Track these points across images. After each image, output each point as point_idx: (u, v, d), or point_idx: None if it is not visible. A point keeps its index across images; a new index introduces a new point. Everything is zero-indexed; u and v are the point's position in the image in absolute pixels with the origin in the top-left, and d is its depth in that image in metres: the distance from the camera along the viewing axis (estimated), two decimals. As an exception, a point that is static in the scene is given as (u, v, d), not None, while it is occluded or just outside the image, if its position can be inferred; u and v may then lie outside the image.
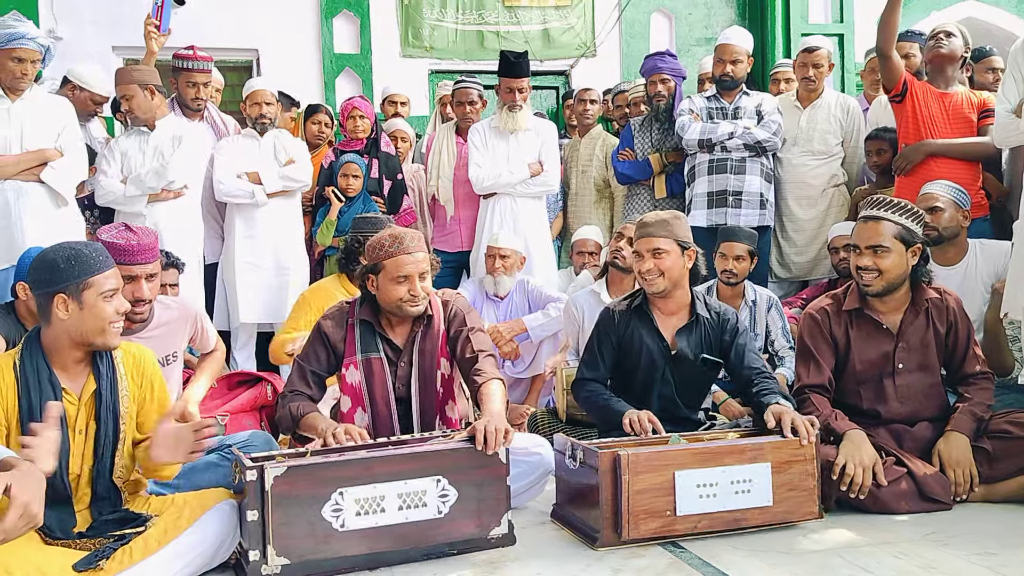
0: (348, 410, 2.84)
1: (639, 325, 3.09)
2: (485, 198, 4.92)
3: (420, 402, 2.84)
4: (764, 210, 4.75)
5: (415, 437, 2.67)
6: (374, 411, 2.83)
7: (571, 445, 2.67)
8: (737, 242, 4.04)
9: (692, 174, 4.83)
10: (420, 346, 2.85)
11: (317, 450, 2.50)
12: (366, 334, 2.85)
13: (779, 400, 2.79)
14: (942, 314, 3.02)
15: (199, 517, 2.29)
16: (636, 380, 3.10)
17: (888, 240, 2.91)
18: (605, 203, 5.41)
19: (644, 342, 3.07)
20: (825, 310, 3.07)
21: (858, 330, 3.02)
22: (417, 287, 2.80)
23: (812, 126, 4.87)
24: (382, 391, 2.83)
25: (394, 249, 2.81)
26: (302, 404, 2.78)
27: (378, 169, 5.05)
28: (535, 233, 4.88)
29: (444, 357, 2.87)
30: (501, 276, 4.43)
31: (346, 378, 2.85)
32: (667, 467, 2.53)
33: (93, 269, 2.20)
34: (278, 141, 4.82)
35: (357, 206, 4.83)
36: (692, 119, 4.77)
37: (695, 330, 3.09)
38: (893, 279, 2.93)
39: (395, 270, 2.80)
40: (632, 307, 3.11)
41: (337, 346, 2.86)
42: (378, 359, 2.82)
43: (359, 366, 2.83)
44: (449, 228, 5.13)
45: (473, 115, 5.09)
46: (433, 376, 2.85)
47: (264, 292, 4.73)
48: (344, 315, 2.90)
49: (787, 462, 2.62)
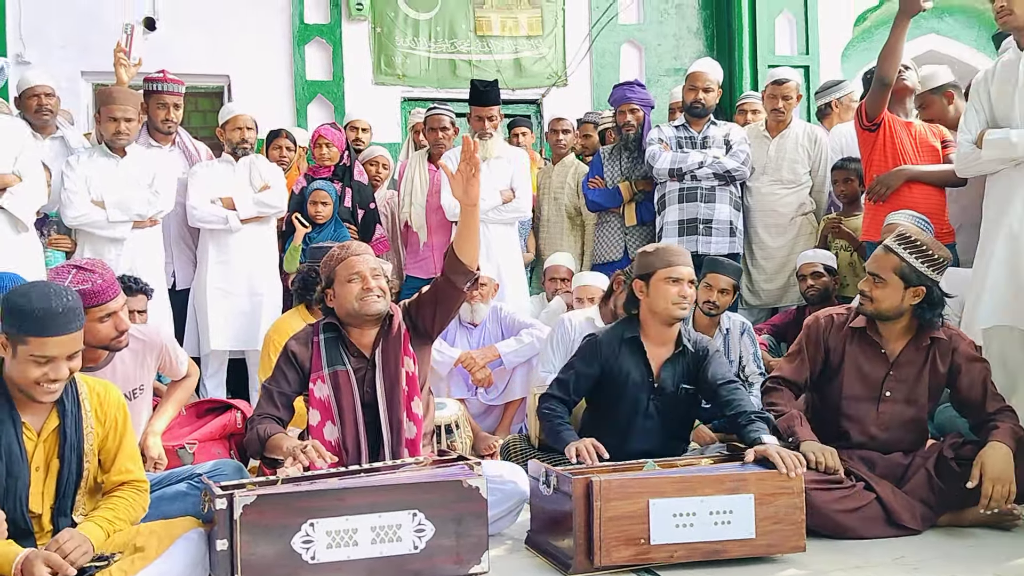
0: (318, 424, 2.82)
1: (628, 355, 3.08)
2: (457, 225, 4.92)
3: (387, 404, 2.83)
4: (734, 238, 4.80)
5: (387, 464, 2.64)
6: (343, 423, 2.82)
7: (545, 471, 2.66)
8: (724, 275, 4.04)
9: (662, 202, 4.87)
10: (383, 349, 2.86)
11: (289, 478, 2.47)
12: (331, 348, 2.86)
13: (763, 437, 2.77)
14: (946, 355, 2.98)
15: (167, 547, 2.25)
16: (618, 412, 3.09)
17: (887, 273, 2.91)
18: (577, 230, 5.44)
19: (629, 373, 3.07)
20: (832, 318, 3.06)
21: (857, 348, 3.01)
22: (371, 282, 2.82)
23: (781, 155, 4.93)
24: (350, 402, 2.81)
25: (343, 254, 2.89)
26: (268, 425, 2.77)
27: (351, 198, 5.07)
28: (507, 259, 4.89)
29: (407, 355, 2.88)
30: (477, 303, 4.40)
31: (314, 393, 2.84)
32: (641, 495, 2.51)
33: (34, 330, 2.13)
34: (254, 166, 4.82)
35: (328, 232, 4.83)
36: (662, 148, 4.82)
37: (679, 362, 3.11)
38: (884, 310, 2.93)
39: (346, 271, 2.84)
40: (624, 337, 3.10)
41: (304, 364, 2.86)
42: (344, 371, 2.82)
43: (327, 380, 2.82)
44: (422, 255, 5.13)
45: (445, 141, 5.10)
46: (398, 376, 2.84)
47: (236, 319, 4.70)
48: (309, 335, 2.92)
49: (772, 494, 2.59)
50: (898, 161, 4.10)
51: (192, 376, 3.40)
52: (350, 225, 4.99)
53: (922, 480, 2.89)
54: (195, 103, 7.05)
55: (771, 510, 2.58)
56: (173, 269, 4.86)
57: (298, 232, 4.83)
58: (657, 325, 3.08)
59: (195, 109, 7.12)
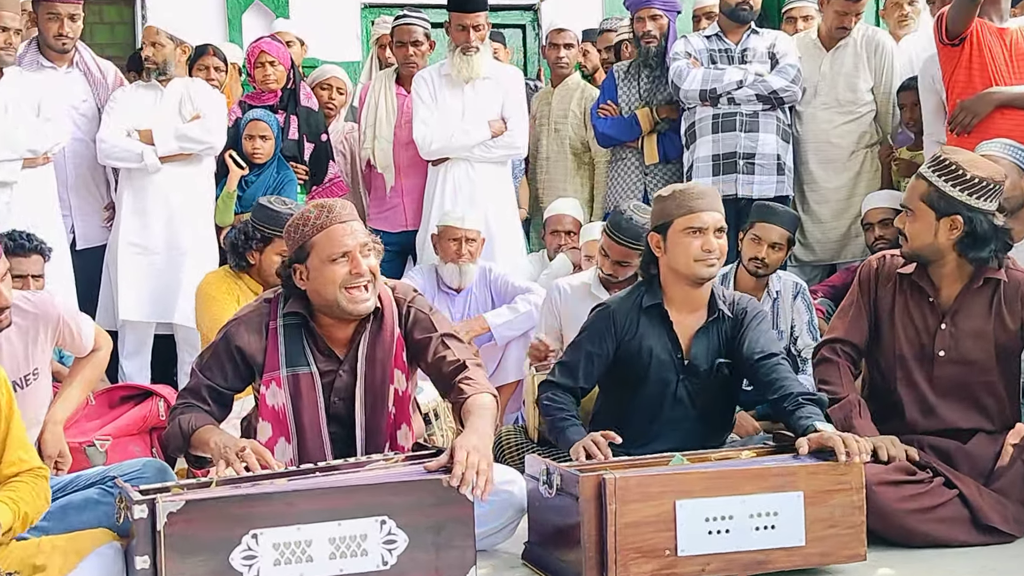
0: (268, 440, 2.80)
1: (649, 328, 3.09)
2: (434, 164, 4.91)
3: (366, 425, 2.83)
4: (782, 176, 4.76)
5: (348, 462, 2.64)
6: (301, 442, 2.81)
7: (546, 469, 2.65)
8: (778, 225, 4.03)
9: (692, 133, 4.84)
10: (368, 352, 2.82)
11: (225, 479, 2.46)
12: (293, 342, 2.81)
13: (817, 424, 2.76)
14: (1014, 303, 3.01)
15: (74, 566, 2.26)
16: (640, 400, 3.11)
17: (915, 202, 2.98)
18: (584, 171, 5.43)
19: (652, 350, 3.08)
20: (884, 260, 3.14)
21: (907, 298, 3.06)
22: (362, 265, 2.73)
23: (837, 71, 4.92)
24: (313, 416, 2.81)
25: (324, 220, 2.75)
26: (195, 416, 2.76)
27: (297, 128, 5.02)
28: (498, 208, 4.87)
29: (399, 368, 2.85)
30: (464, 263, 4.42)
31: (266, 399, 2.81)
32: (666, 494, 2.51)
33: None
34: (187, 92, 4.80)
35: (268, 175, 4.78)
36: (690, 64, 4.79)
37: (714, 331, 3.12)
38: (917, 248, 3.00)
39: (329, 246, 2.73)
40: (643, 306, 3.10)
41: (253, 358, 2.82)
42: (307, 374, 2.80)
43: (283, 384, 2.79)
44: (389, 202, 5.11)
45: (418, 59, 5.08)
46: (384, 392, 2.83)
47: (152, 282, 4.71)
48: (263, 318, 2.85)
49: (826, 491, 2.59)
50: (988, 81, 4.07)
51: (103, 349, 3.36)
52: (296, 165, 4.97)
53: (1018, 475, 2.89)
54: (100, 13, 6.95)
55: (825, 511, 2.58)
56: (72, 223, 4.83)
57: (231, 175, 4.79)
58: (682, 288, 3.09)
59: (99, 21, 7.00)
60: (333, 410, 2.83)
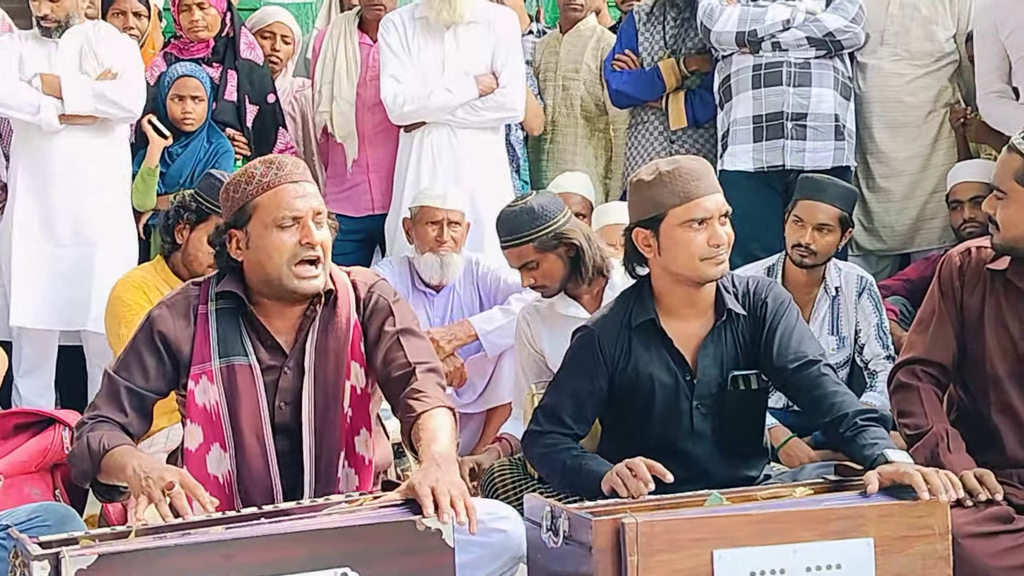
0: (198, 448, 2.82)
1: (643, 351, 3.08)
2: (407, 131, 4.91)
3: (316, 430, 2.83)
4: (842, 142, 4.75)
5: (302, 505, 2.61)
6: (239, 449, 2.82)
7: (550, 511, 2.62)
8: (825, 202, 4.04)
9: (727, 90, 4.85)
10: (318, 342, 2.85)
11: (147, 528, 2.42)
12: (227, 327, 2.84)
13: (889, 453, 2.72)
14: None
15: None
16: (648, 438, 3.08)
17: (1008, 182, 2.94)
18: (598, 138, 5.44)
19: (654, 378, 3.06)
20: (969, 253, 3.08)
21: (998, 301, 3.02)
22: (314, 234, 2.76)
23: (908, 15, 4.92)
24: (253, 417, 2.82)
25: (271, 178, 2.78)
26: (108, 434, 2.73)
27: (236, 87, 5.05)
28: (489, 186, 4.88)
29: (356, 361, 2.87)
30: (447, 254, 4.41)
31: (195, 397, 2.82)
32: (701, 542, 2.47)
33: None
34: (89, 42, 4.77)
35: (197, 146, 4.79)
36: (724, 1, 4.80)
37: (723, 337, 3.09)
38: (1010, 239, 2.95)
39: (276, 209, 2.76)
40: (633, 324, 3.09)
41: (180, 349, 2.84)
42: (246, 366, 2.82)
43: (216, 378, 2.82)
44: (351, 179, 5.12)
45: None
46: (337, 389, 2.84)
47: (56, 280, 4.69)
48: (191, 301, 2.89)
49: (903, 538, 2.55)
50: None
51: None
52: (235, 133, 4.97)
53: None
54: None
55: (901, 563, 2.55)
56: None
57: (152, 147, 4.78)
58: (682, 290, 3.07)
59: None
60: (279, 417, 2.84)
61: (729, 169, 4.72)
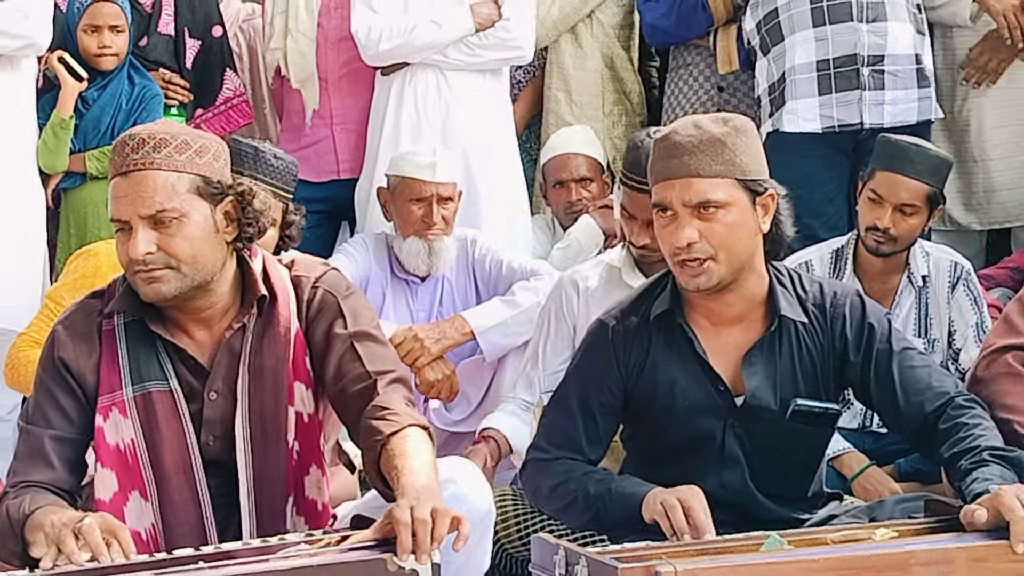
0: (113, 497, 2.71)
1: (664, 352, 2.93)
2: (385, 74, 4.77)
3: (255, 471, 2.74)
4: (925, 88, 4.60)
5: (250, 546, 2.47)
6: (164, 496, 2.72)
7: (564, 557, 2.49)
8: (912, 175, 3.81)
9: (775, 28, 4.68)
10: (251, 359, 2.73)
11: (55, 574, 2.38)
12: (139, 345, 2.75)
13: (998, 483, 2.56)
14: None
15: None
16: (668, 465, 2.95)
17: None
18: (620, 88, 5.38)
19: (675, 386, 2.91)
20: None
21: None
22: (138, 246, 2.67)
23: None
24: (179, 452, 2.72)
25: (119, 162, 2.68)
26: (32, 497, 2.65)
27: (173, 15, 4.92)
28: (488, 144, 4.76)
29: (301, 381, 2.77)
30: (436, 239, 4.19)
31: (104, 435, 2.72)
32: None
33: None
34: None
35: (117, 88, 4.66)
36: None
37: (776, 348, 2.90)
38: None
39: (111, 205, 2.71)
40: (651, 317, 2.92)
41: (84, 377, 2.74)
42: (165, 392, 2.72)
43: (128, 409, 2.72)
44: (311, 134, 4.94)
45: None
46: (279, 419, 2.73)
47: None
48: (92, 317, 2.78)
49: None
50: None
51: None
52: (170, 75, 4.82)
53: None
54: None
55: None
56: None
57: (65, 91, 4.58)
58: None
59: None
60: (208, 454, 2.75)
61: (791, 131, 4.55)
